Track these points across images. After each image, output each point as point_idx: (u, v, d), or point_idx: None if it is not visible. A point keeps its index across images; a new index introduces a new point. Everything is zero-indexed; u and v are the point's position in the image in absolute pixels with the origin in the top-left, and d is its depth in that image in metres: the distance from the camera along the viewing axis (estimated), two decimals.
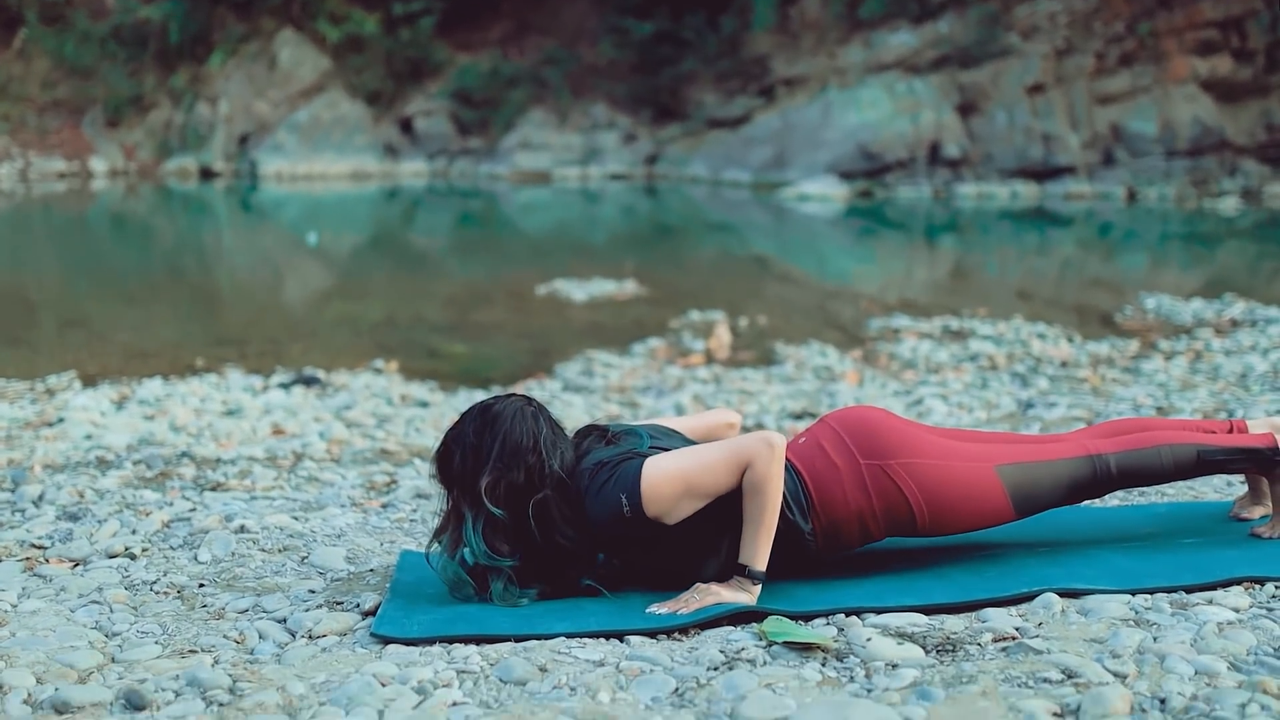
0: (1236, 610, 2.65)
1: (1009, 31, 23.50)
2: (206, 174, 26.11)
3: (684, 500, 2.77)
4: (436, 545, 2.94)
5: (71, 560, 3.39)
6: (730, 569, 2.81)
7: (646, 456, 2.84)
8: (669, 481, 2.77)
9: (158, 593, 3.08)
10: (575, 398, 6.69)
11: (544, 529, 2.83)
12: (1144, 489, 3.79)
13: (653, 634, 2.64)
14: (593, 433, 3.03)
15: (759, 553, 2.76)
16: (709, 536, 2.84)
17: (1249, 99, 23.38)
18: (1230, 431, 3.22)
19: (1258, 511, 3.33)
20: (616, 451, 2.90)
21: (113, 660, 2.61)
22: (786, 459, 2.95)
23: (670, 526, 2.80)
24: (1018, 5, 23.74)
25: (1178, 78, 23.14)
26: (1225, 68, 23.34)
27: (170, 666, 2.54)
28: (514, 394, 3.02)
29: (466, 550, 2.86)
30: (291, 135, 26.45)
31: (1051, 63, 23.19)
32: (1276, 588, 2.78)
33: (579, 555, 2.87)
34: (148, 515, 3.84)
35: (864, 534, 2.94)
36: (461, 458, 2.90)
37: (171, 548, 3.49)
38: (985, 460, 2.97)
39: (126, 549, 3.43)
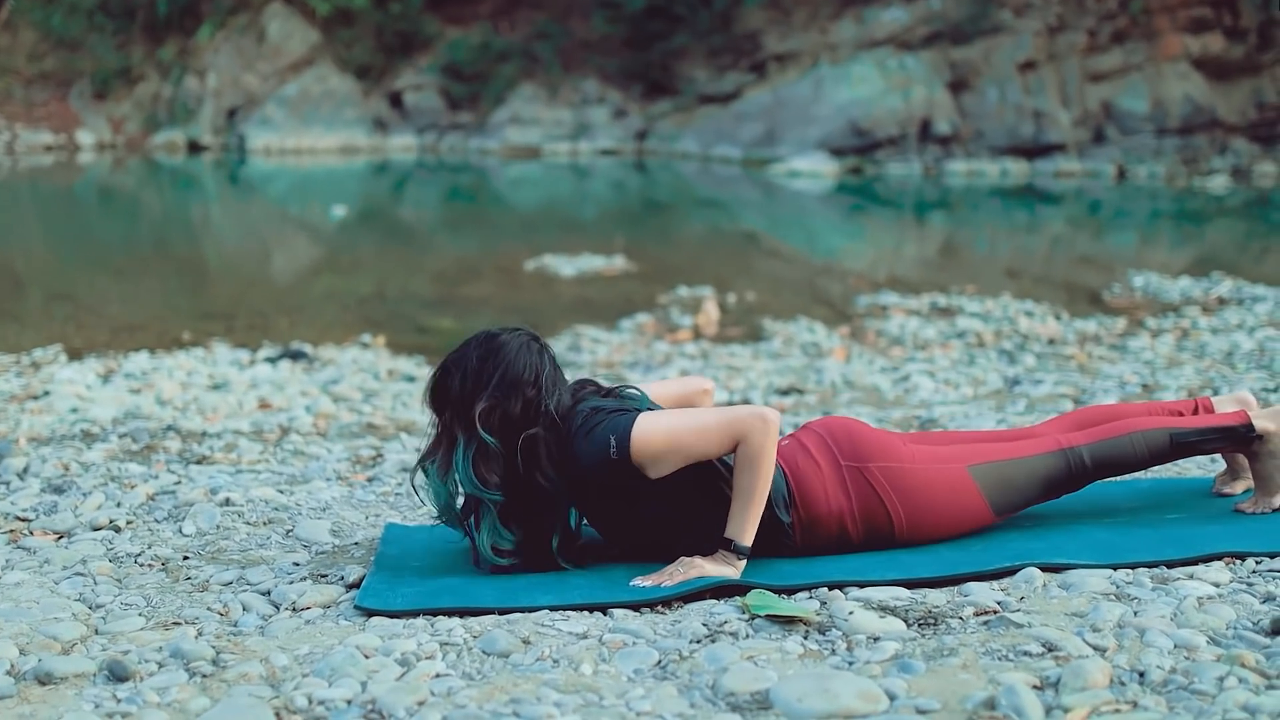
0: (1217, 585, 2.67)
1: (1001, 8, 23.45)
2: (194, 148, 25.99)
3: (670, 455, 2.77)
4: (421, 471, 2.92)
5: (56, 533, 3.39)
6: (707, 544, 2.82)
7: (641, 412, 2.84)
8: (660, 434, 2.77)
9: (142, 565, 3.08)
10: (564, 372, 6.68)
11: (528, 465, 2.82)
12: None
13: (636, 607, 2.65)
14: (589, 385, 3.02)
15: (746, 528, 2.77)
16: (687, 505, 2.84)
17: (1240, 77, 23.37)
18: (1197, 412, 3.22)
19: (1239, 486, 3.35)
20: (615, 404, 2.89)
21: (96, 632, 2.61)
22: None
23: (651, 482, 2.80)
24: None
25: (1169, 55, 23.12)
26: (1217, 46, 23.31)
27: (154, 638, 2.55)
28: (520, 327, 2.99)
29: (457, 474, 2.84)
30: (280, 109, 26.33)
31: (1043, 40, 23.15)
32: (1257, 563, 2.80)
33: (555, 501, 2.85)
34: (133, 488, 3.84)
35: (841, 535, 2.94)
36: (461, 381, 2.89)
37: (156, 520, 3.49)
38: (957, 461, 2.97)
39: (111, 521, 3.43)
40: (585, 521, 3.00)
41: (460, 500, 2.92)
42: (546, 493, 2.84)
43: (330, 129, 26.36)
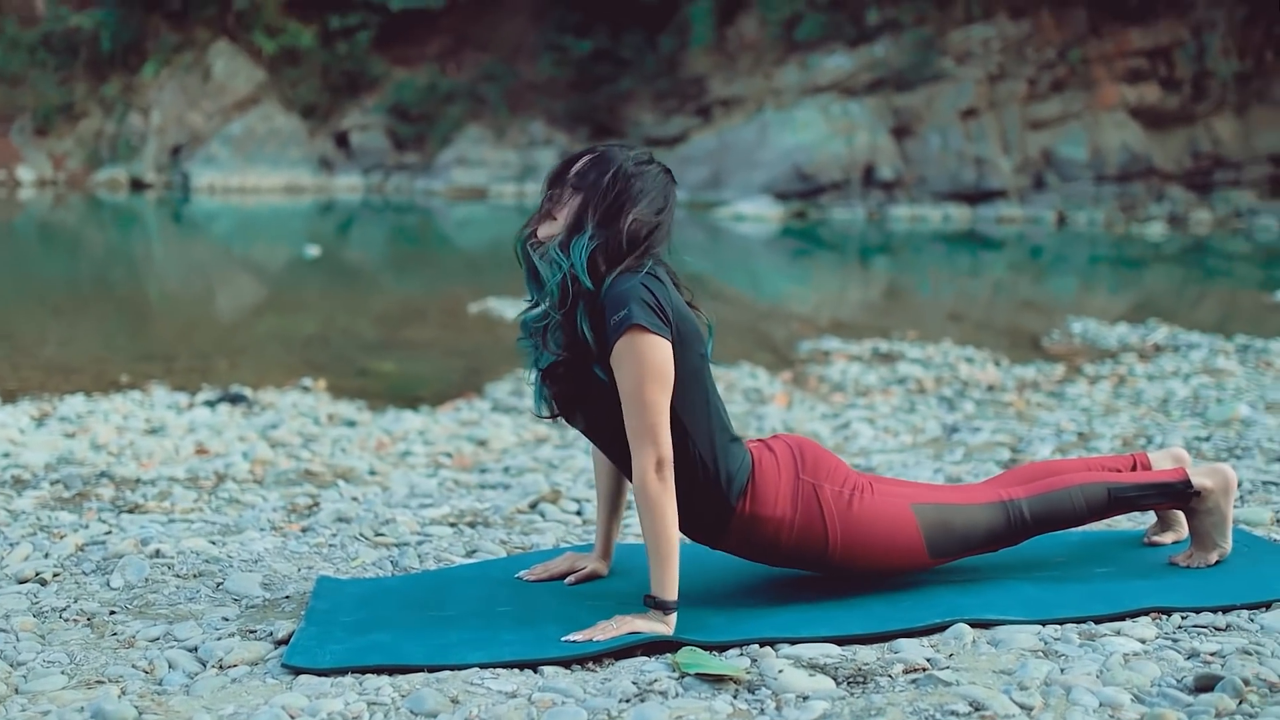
0: (1143, 641, 2.69)
1: (943, 56, 23.80)
2: (137, 185, 25.80)
3: (623, 381, 2.76)
4: (534, 247, 2.88)
5: None
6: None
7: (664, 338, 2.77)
8: (638, 363, 2.73)
9: (67, 620, 3.03)
10: (504, 418, 6.66)
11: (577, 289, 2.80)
12: None
13: (567, 663, 2.63)
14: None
15: (665, 583, 2.75)
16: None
17: (1176, 127, 23.83)
18: (1134, 468, 3.26)
19: (1169, 537, 3.38)
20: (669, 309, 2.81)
21: (16, 691, 2.56)
22: (746, 445, 2.97)
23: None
24: (952, 30, 24.05)
25: (1107, 104, 23.54)
26: (1153, 96, 23.78)
27: (75, 698, 2.50)
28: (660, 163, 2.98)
29: (572, 259, 2.80)
30: (225, 147, 26.21)
31: (985, 87, 23.51)
32: (1182, 618, 2.83)
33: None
34: (62, 538, 3.78)
35: (772, 544, 2.93)
36: (614, 181, 2.86)
37: (84, 573, 3.43)
38: (903, 498, 2.99)
39: (37, 574, 3.37)
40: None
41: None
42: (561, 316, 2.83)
43: (275, 168, 26.28)
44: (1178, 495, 3.14)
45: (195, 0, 26.17)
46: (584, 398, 2.88)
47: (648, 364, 2.74)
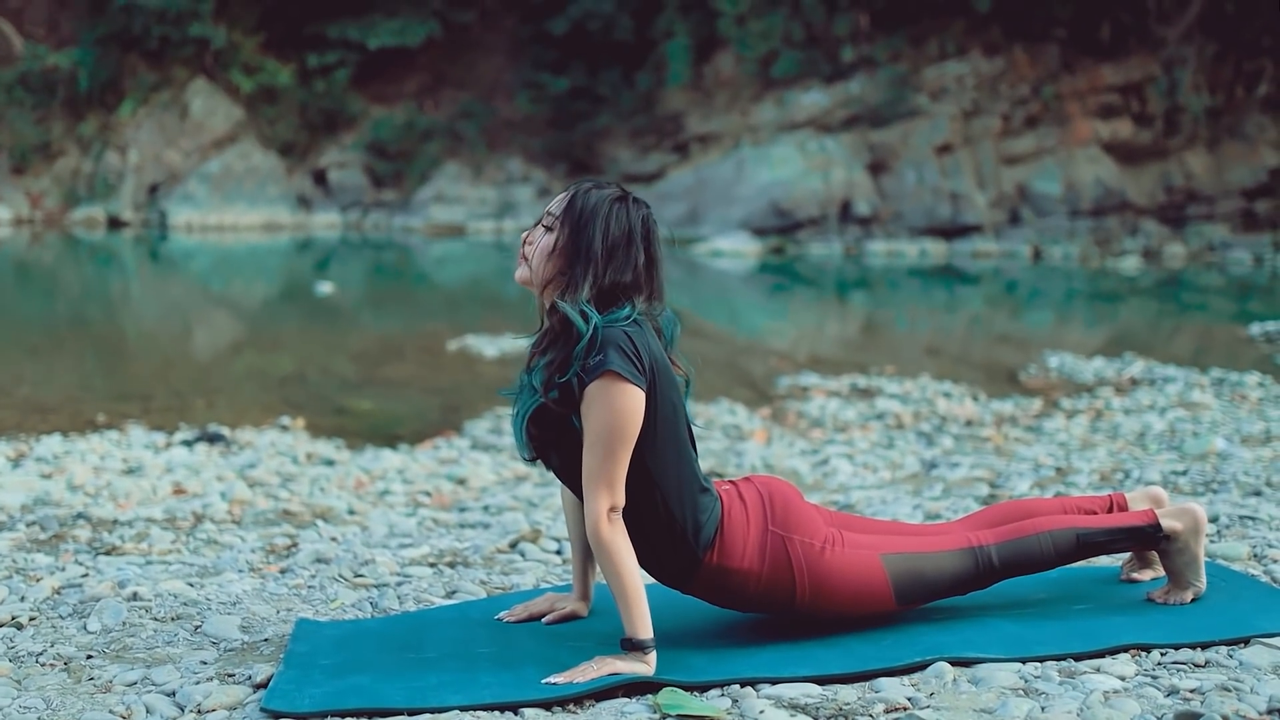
0: (1122, 679, 2.70)
1: (918, 93, 23.98)
2: (115, 223, 25.75)
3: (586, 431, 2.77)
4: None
5: None
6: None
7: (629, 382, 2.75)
8: (612, 403, 2.73)
9: (43, 665, 3.01)
10: (484, 456, 6.66)
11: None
12: None
13: (548, 705, 2.63)
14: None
15: (635, 623, 2.74)
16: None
17: (1149, 161, 24.05)
18: (1110, 509, 3.27)
19: (1147, 574, 3.39)
20: (631, 352, 2.78)
21: None
22: (716, 490, 2.96)
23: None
24: (926, 67, 24.25)
25: (1081, 140, 23.75)
26: (1126, 131, 24.00)
27: None
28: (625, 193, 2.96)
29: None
30: (203, 185, 26.20)
31: (959, 123, 23.69)
32: (1161, 654, 2.84)
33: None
34: (38, 581, 3.75)
35: (739, 593, 2.94)
36: (606, 235, 2.85)
37: (61, 616, 3.41)
38: (873, 549, 3.00)
39: (14, 618, 3.35)
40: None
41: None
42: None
43: (253, 205, 26.27)
44: (1147, 539, 3.15)
45: (173, 39, 26.20)
46: (559, 443, 2.89)
47: (616, 411, 2.74)
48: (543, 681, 2.72)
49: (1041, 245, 23.06)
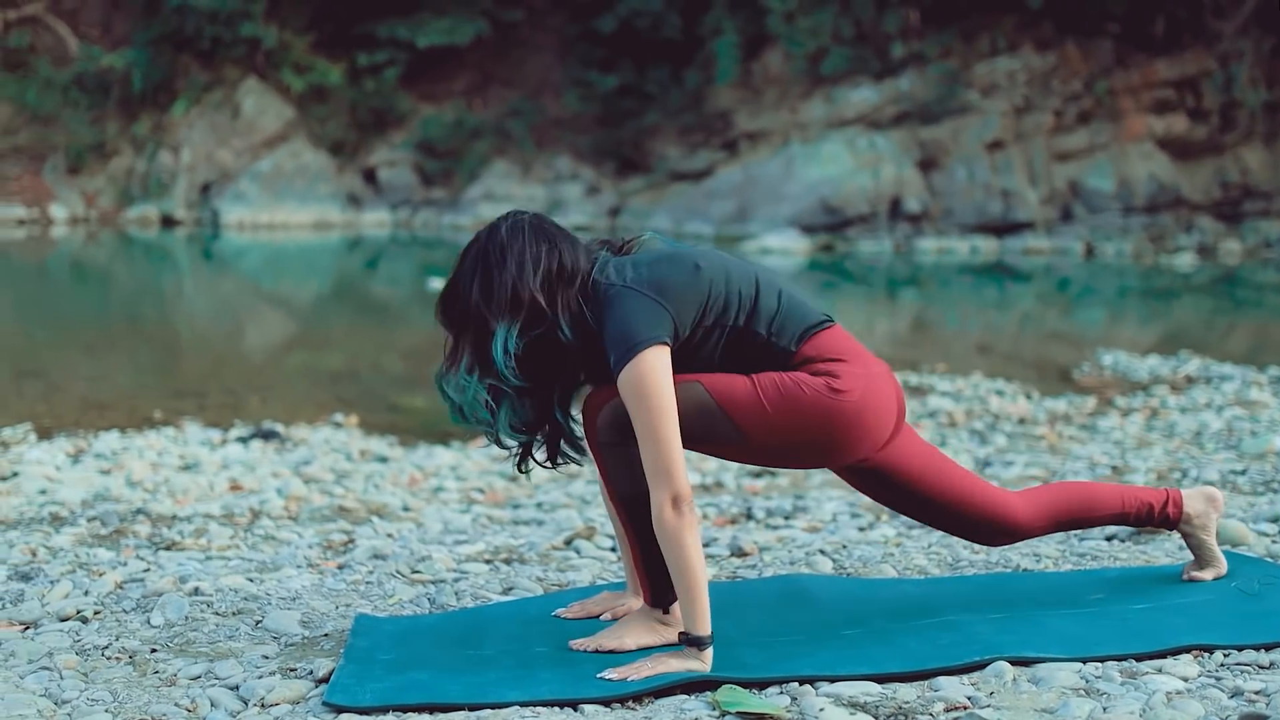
0: (1185, 679, 2.68)
1: (969, 89, 23.82)
2: (168, 222, 26.03)
3: (633, 416, 2.77)
4: (450, 381, 2.94)
5: (22, 623, 3.35)
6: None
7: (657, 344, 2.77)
8: (640, 396, 2.74)
9: (109, 658, 3.05)
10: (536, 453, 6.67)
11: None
12: (1096, 555, 3.82)
13: (607, 702, 2.64)
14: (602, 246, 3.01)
15: (696, 618, 2.73)
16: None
17: (1204, 157, 23.77)
18: (1166, 503, 3.25)
19: (1208, 574, 3.36)
20: (640, 300, 2.80)
21: None
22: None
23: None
24: (977, 63, 24.08)
25: (1134, 136, 23.51)
26: (1180, 126, 23.73)
27: None
28: (510, 214, 2.98)
29: (497, 368, 2.84)
30: (254, 184, 26.43)
31: (1010, 120, 23.51)
32: (1225, 655, 2.81)
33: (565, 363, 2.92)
34: (101, 575, 3.80)
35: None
36: (484, 283, 2.88)
37: (124, 610, 3.45)
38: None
39: (79, 611, 3.40)
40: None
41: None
42: (560, 353, 2.89)
43: (304, 204, 26.47)
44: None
45: (224, 39, 26.44)
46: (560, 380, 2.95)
47: (650, 395, 2.74)
48: (598, 676, 2.73)
49: (1094, 242, 22.85)
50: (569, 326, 2.85)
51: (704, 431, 2.85)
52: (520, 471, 3.12)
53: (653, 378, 2.74)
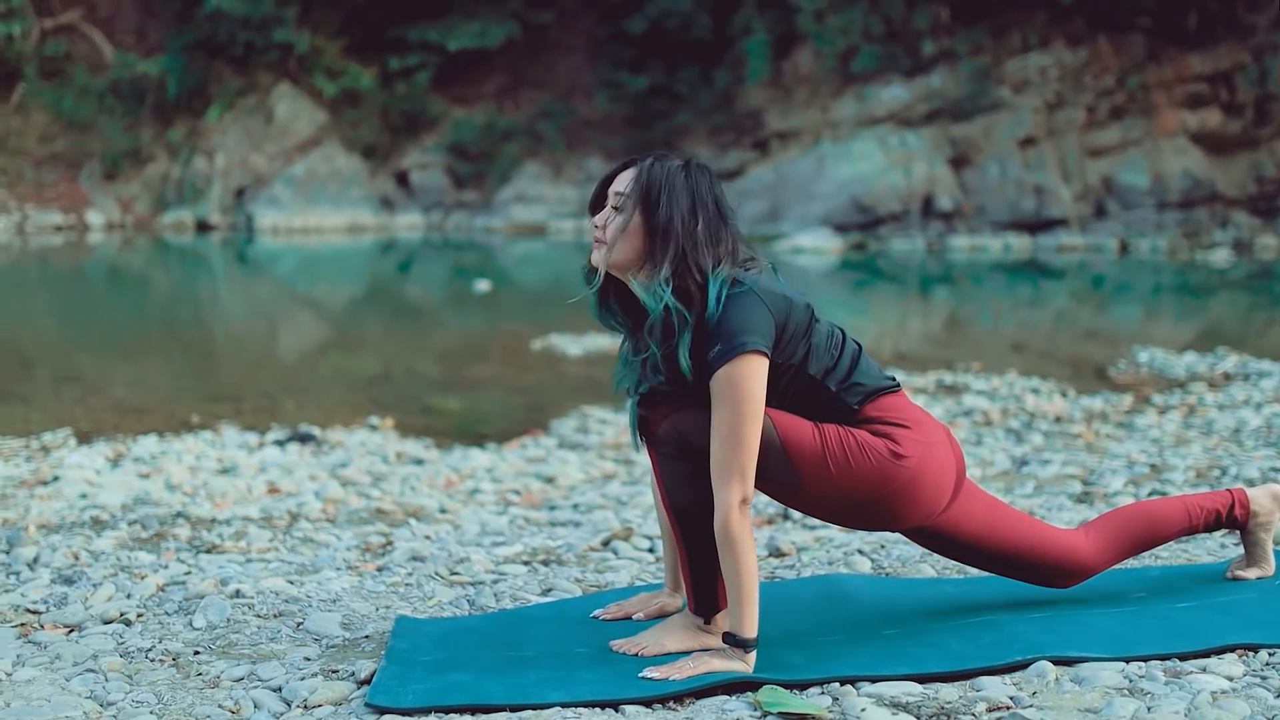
0: (1230, 679, 2.66)
1: (1000, 85, 23.71)
2: (203, 227, 26.21)
3: (716, 415, 2.75)
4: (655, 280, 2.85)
5: (66, 626, 3.39)
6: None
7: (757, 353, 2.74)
8: (731, 395, 2.72)
9: (153, 660, 3.08)
10: (571, 455, 6.69)
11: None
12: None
13: (648, 703, 2.64)
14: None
15: (745, 620, 2.74)
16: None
17: (1238, 151, 23.58)
18: (1232, 506, 3.25)
19: (1253, 573, 3.33)
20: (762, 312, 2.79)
21: None
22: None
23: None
24: (1008, 59, 23.97)
25: (1168, 131, 23.34)
26: (1214, 121, 23.55)
27: None
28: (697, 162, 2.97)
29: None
30: (288, 188, 26.58)
31: (1043, 116, 23.39)
32: (1270, 654, 2.79)
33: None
34: (143, 578, 3.83)
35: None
36: (680, 207, 2.86)
37: (167, 613, 3.48)
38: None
39: (122, 614, 3.43)
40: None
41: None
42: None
43: (337, 208, 26.61)
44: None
45: (257, 45, 26.60)
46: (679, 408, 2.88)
47: (744, 395, 2.73)
48: (640, 675, 2.73)
49: (1128, 238, 22.70)
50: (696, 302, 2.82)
51: (761, 466, 2.83)
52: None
53: (753, 380, 2.73)
